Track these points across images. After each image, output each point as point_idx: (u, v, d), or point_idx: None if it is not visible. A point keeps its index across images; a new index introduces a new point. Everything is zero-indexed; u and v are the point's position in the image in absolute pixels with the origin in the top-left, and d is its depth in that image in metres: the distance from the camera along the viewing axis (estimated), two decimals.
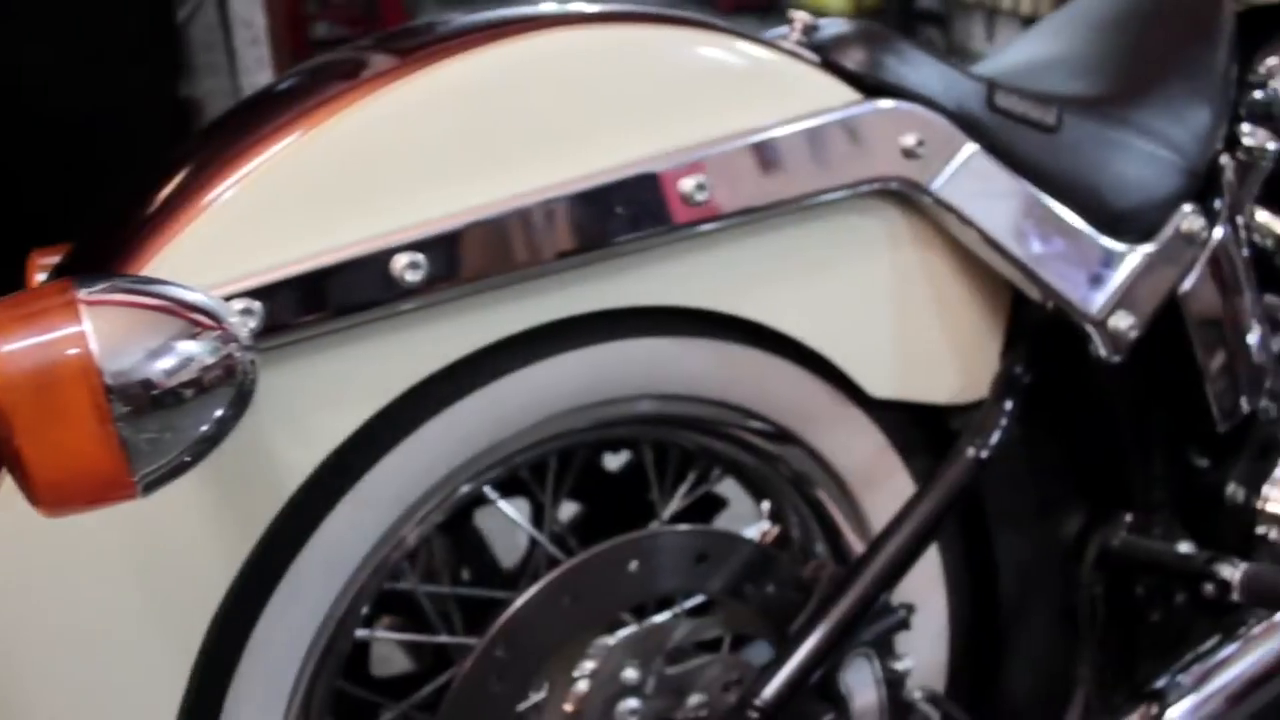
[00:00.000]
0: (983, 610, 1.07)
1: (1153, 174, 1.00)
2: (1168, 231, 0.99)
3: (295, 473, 0.76)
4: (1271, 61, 1.22)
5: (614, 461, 1.19)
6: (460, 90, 0.78)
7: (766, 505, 1.09)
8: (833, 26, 0.93)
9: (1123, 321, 0.96)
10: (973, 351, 0.97)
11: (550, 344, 0.83)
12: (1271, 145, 1.11)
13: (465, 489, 0.88)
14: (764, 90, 0.86)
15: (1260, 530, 1.18)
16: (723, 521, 1.20)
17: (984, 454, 0.93)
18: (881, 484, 0.99)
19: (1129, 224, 0.98)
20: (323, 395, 0.75)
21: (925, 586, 1.02)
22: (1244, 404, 1.10)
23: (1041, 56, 1.12)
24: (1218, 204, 1.07)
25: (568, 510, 1.16)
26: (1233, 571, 1.02)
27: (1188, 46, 1.12)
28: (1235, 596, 1.02)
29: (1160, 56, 1.10)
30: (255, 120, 0.76)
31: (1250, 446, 1.19)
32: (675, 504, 0.99)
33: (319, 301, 0.71)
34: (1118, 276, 0.96)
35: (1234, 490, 1.17)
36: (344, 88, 0.76)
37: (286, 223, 0.72)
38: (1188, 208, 1.01)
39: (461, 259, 0.75)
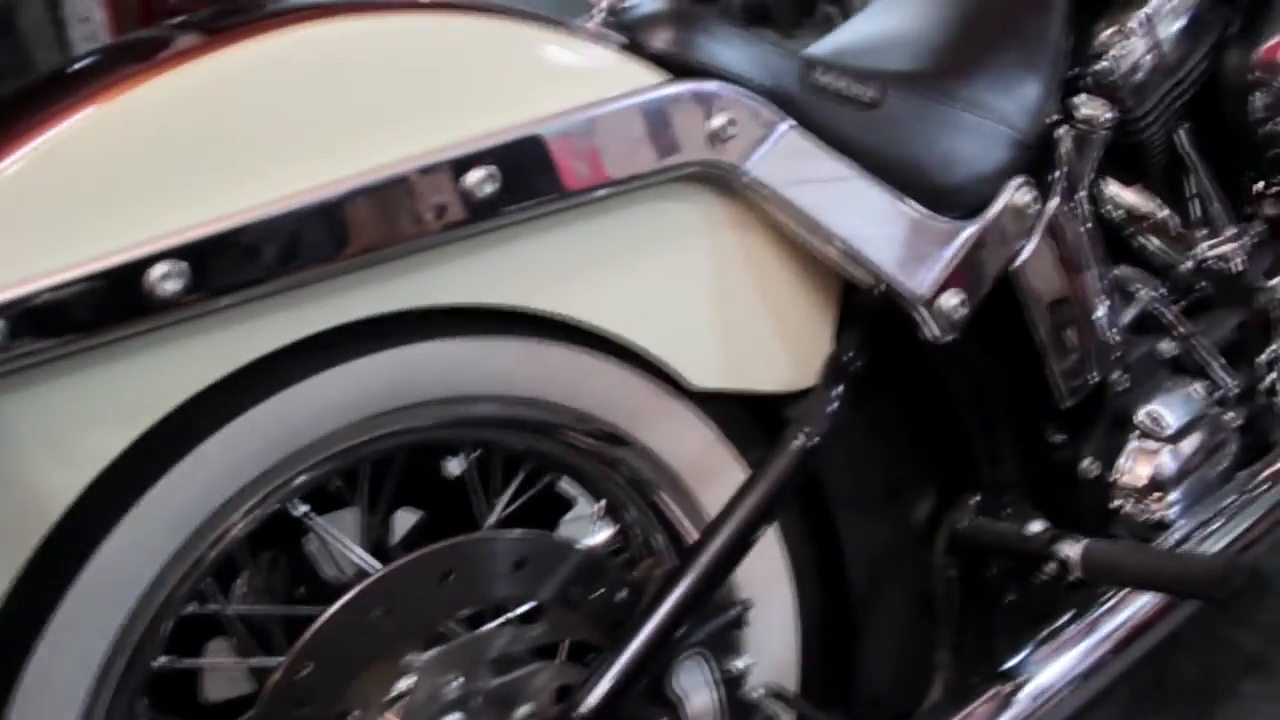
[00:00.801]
0: (834, 601, 1.05)
1: (981, 148, 0.98)
2: (997, 206, 0.97)
3: (60, 496, 0.71)
4: (1109, 32, 1.21)
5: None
6: (232, 81, 0.73)
7: (603, 504, 1.05)
8: (641, 6, 0.89)
9: (951, 300, 0.94)
10: (801, 337, 0.95)
11: (343, 349, 0.79)
12: (1107, 115, 1.10)
13: (269, 502, 0.83)
14: (563, 76, 0.83)
15: (1115, 503, 1.18)
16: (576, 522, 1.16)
17: (813, 442, 0.91)
18: (717, 477, 0.96)
19: (956, 200, 0.96)
20: (86, 413, 0.71)
21: (769, 580, 0.99)
22: (1090, 378, 1.09)
23: (875, 32, 1.10)
24: (1053, 176, 1.05)
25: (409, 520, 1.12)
26: (1073, 549, 1.01)
27: (1022, 18, 1.11)
28: (1076, 574, 1.01)
29: (994, 29, 1.09)
30: (20, 111, 0.72)
31: (1103, 419, 1.18)
32: (502, 509, 0.96)
33: (64, 320, 0.66)
34: (945, 254, 0.94)
35: (1088, 465, 1.16)
36: (111, 78, 0.71)
37: (33, 231, 0.68)
38: (1019, 181, 0.99)
39: (230, 265, 0.70)
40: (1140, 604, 1.11)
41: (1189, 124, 1.30)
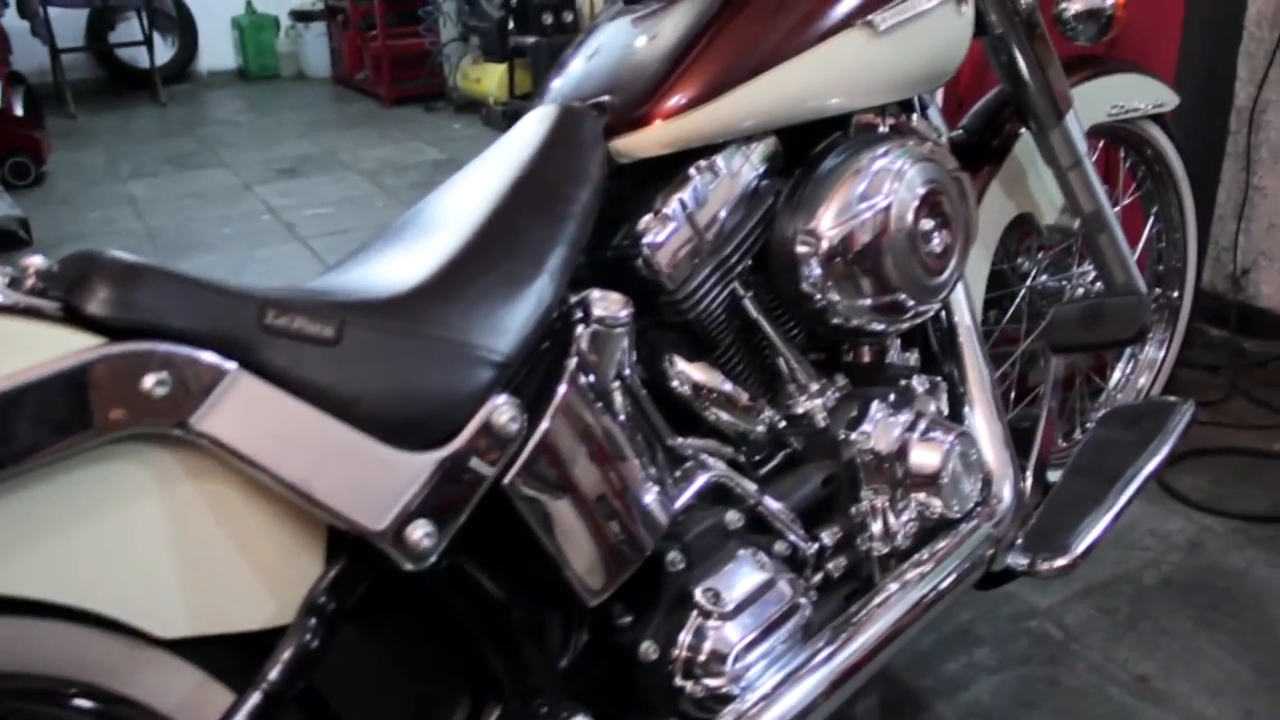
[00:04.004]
0: None
1: (449, 375, 0.98)
2: (469, 431, 0.97)
3: None
4: (646, 218, 1.25)
5: None
6: None
7: None
8: (75, 265, 0.88)
9: (417, 532, 0.94)
10: (281, 574, 0.94)
11: None
12: (623, 312, 1.13)
13: None
14: None
15: (678, 684, 1.19)
16: None
17: (284, 682, 0.90)
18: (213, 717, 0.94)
19: (424, 429, 0.96)
20: None
21: None
22: (619, 573, 1.11)
23: (370, 259, 1.10)
24: (562, 380, 1.07)
25: None
26: None
27: (537, 226, 1.13)
28: None
29: (500, 243, 1.10)
30: None
31: (662, 601, 1.20)
32: None
33: None
34: (408, 487, 0.94)
35: (648, 648, 1.18)
36: None
37: None
38: (498, 401, 1.00)
39: None
40: None
41: (754, 291, 1.35)
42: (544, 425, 1.04)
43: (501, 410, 0.99)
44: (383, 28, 7.25)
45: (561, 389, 1.06)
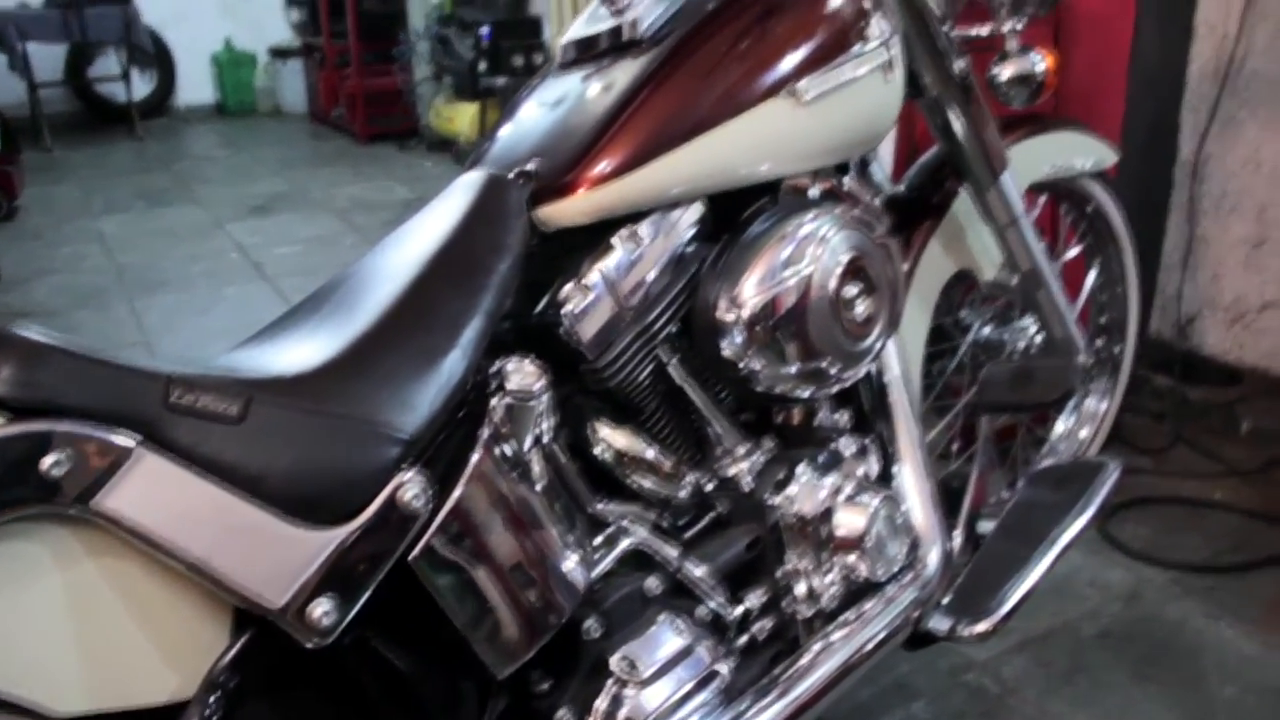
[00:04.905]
0: None
1: (354, 451, 0.99)
2: (374, 507, 0.99)
3: None
4: (568, 287, 1.27)
5: None
6: None
7: None
8: None
9: (319, 609, 0.95)
10: (183, 649, 0.95)
11: None
12: (538, 384, 1.15)
13: None
14: None
15: None
16: None
17: None
18: None
19: (327, 507, 0.97)
20: None
21: None
22: (531, 643, 1.12)
23: (283, 333, 1.11)
24: (477, 451, 1.08)
25: None
26: None
27: (452, 298, 1.14)
28: None
29: (413, 316, 1.11)
30: None
31: (580, 668, 1.21)
32: None
33: None
34: (310, 564, 0.95)
35: (564, 715, 1.19)
36: None
37: None
38: (404, 477, 1.01)
39: None
40: None
41: (680, 355, 1.36)
42: (454, 499, 1.05)
43: (407, 487, 1.01)
44: (358, 66, 7.29)
45: (473, 462, 1.08)
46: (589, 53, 1.43)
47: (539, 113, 1.41)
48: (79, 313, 4.09)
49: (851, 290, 1.38)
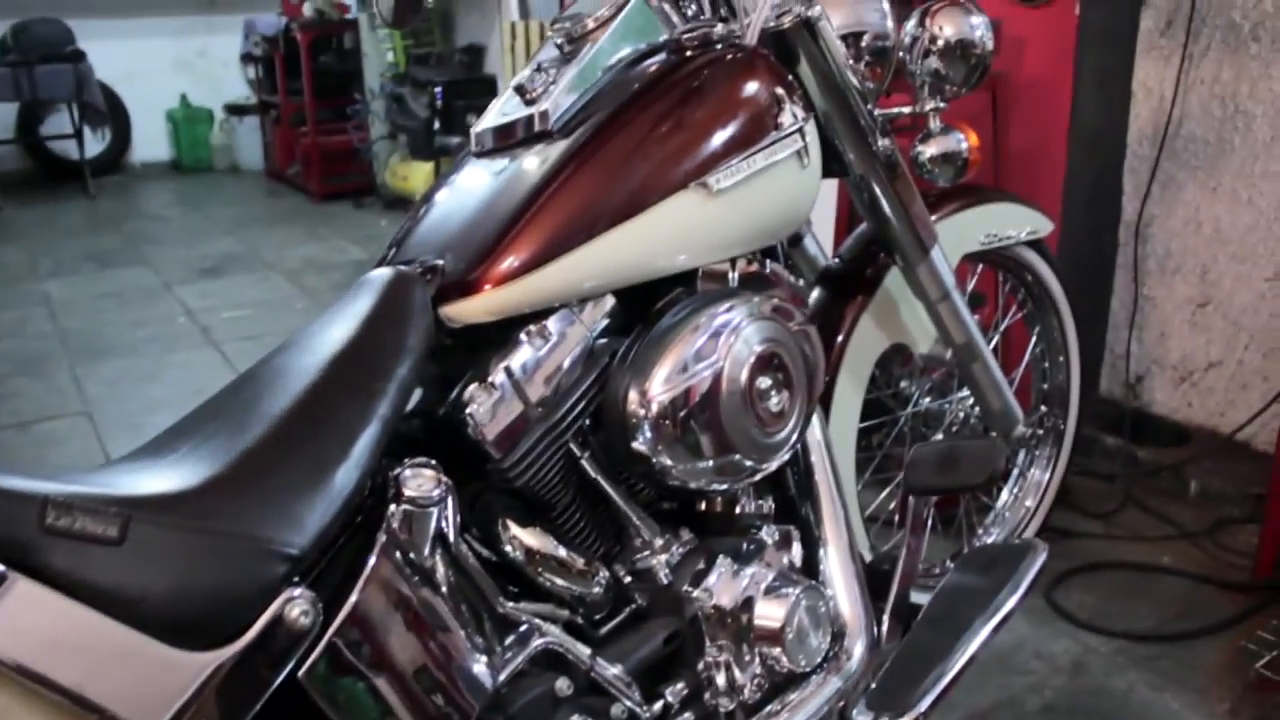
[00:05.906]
0: None
1: (241, 570, 0.96)
2: (256, 628, 0.96)
3: None
4: (472, 387, 1.24)
5: None
6: None
7: None
8: None
9: None
10: None
11: None
12: (436, 491, 1.12)
13: None
14: None
15: None
16: None
17: None
18: None
19: (209, 629, 0.94)
20: None
21: None
22: None
23: (182, 440, 1.08)
24: (370, 562, 1.06)
25: None
26: None
27: (346, 405, 1.11)
28: None
29: (313, 419, 1.08)
30: None
31: None
32: None
33: None
34: (188, 688, 0.92)
35: None
36: None
37: None
38: (289, 594, 0.98)
39: None
40: None
41: (591, 450, 1.34)
42: (346, 610, 1.02)
43: (295, 604, 0.98)
44: (313, 124, 7.28)
45: (367, 571, 1.05)
46: (504, 141, 1.42)
47: (450, 205, 1.39)
48: (18, 380, 4.02)
49: (765, 382, 1.36)
